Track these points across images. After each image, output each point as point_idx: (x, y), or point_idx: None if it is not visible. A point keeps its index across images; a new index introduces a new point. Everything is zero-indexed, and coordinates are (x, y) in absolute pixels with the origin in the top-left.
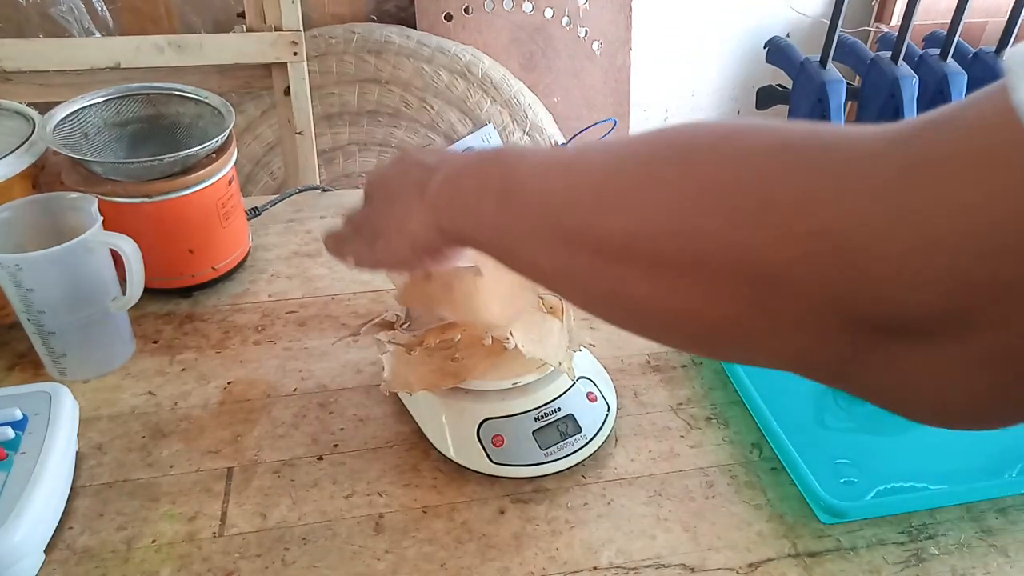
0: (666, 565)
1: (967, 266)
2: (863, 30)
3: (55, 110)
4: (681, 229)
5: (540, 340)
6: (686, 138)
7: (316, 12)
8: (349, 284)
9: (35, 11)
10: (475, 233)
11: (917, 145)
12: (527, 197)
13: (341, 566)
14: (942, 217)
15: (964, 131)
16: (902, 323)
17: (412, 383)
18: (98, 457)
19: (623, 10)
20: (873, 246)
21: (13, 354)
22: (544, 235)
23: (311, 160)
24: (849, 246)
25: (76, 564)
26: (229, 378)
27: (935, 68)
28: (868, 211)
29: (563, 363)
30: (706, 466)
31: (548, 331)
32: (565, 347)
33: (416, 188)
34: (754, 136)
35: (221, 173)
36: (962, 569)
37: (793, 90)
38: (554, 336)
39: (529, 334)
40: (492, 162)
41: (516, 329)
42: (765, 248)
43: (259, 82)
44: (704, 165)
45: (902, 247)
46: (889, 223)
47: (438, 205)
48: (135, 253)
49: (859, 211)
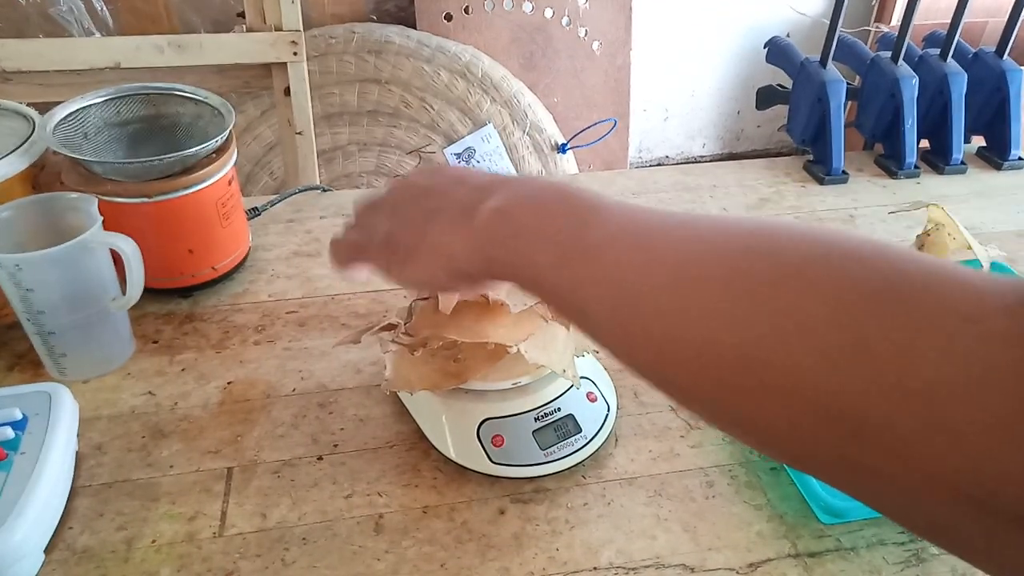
0: (666, 565)
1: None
2: (863, 30)
3: (55, 110)
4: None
5: (544, 347)
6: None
7: (316, 12)
8: (349, 284)
9: (35, 11)
10: (526, 277)
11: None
12: (594, 268)
13: (341, 566)
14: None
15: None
16: (1017, 505)
17: (413, 383)
18: (98, 457)
19: (623, 10)
20: (977, 415)
21: (13, 354)
22: (608, 313)
23: (311, 160)
24: (950, 411)
25: (76, 564)
26: (229, 378)
27: (935, 68)
28: (971, 378)
29: (567, 370)
30: (706, 466)
31: (553, 337)
32: (571, 354)
33: (463, 210)
34: (853, 264)
35: (221, 173)
36: (962, 569)
37: (793, 90)
38: (559, 343)
39: (534, 340)
40: (558, 202)
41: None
42: (853, 397)
43: (259, 82)
44: (794, 292)
45: (1011, 418)
46: (991, 394)
47: (490, 235)
48: (135, 253)
49: (961, 378)
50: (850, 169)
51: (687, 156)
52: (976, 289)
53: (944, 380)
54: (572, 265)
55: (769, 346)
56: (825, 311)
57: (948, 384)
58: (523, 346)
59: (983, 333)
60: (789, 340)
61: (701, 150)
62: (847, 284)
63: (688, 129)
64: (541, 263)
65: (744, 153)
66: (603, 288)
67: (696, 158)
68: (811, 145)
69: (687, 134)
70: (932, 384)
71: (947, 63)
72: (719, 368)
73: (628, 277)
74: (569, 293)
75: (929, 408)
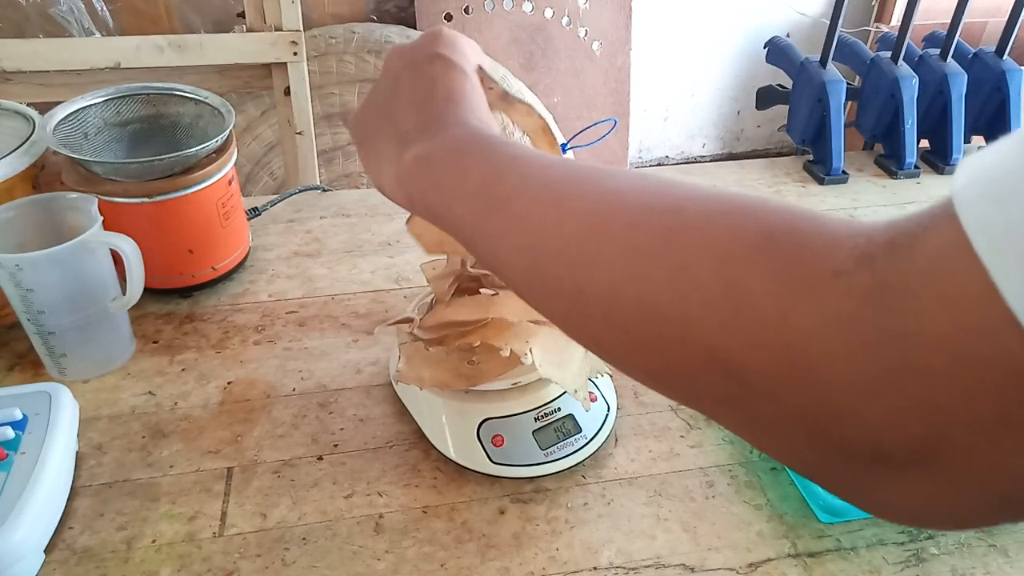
0: (666, 565)
1: (936, 393)
2: (863, 30)
3: (55, 110)
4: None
5: (560, 364)
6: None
7: (316, 12)
8: (349, 284)
9: (35, 11)
10: (447, 225)
11: (883, 272)
12: (508, 220)
13: (341, 566)
14: (911, 347)
15: (925, 262)
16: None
17: (424, 378)
18: (98, 457)
19: (623, 10)
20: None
21: (13, 354)
22: (524, 265)
23: (311, 160)
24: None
25: (76, 564)
26: (229, 378)
27: (935, 68)
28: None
29: (579, 391)
30: (706, 466)
31: (570, 357)
32: (585, 375)
33: (397, 145)
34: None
35: (221, 173)
36: (962, 569)
37: (793, 90)
38: (575, 363)
39: (549, 354)
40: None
41: (536, 346)
42: (740, 349)
43: (259, 82)
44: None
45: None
46: (853, 352)
47: (412, 181)
48: (135, 253)
49: (829, 335)
50: (850, 169)
51: (687, 156)
52: (839, 238)
53: (815, 336)
54: (488, 217)
55: (666, 299)
56: (715, 266)
57: (818, 340)
58: (538, 359)
59: (848, 289)
60: (683, 293)
61: (701, 150)
62: (738, 238)
63: (688, 129)
64: (458, 214)
65: (744, 153)
66: (517, 238)
67: (696, 158)
68: (811, 145)
69: (687, 134)
70: (805, 339)
71: (947, 63)
72: (624, 319)
73: (541, 229)
74: (485, 244)
75: (803, 361)
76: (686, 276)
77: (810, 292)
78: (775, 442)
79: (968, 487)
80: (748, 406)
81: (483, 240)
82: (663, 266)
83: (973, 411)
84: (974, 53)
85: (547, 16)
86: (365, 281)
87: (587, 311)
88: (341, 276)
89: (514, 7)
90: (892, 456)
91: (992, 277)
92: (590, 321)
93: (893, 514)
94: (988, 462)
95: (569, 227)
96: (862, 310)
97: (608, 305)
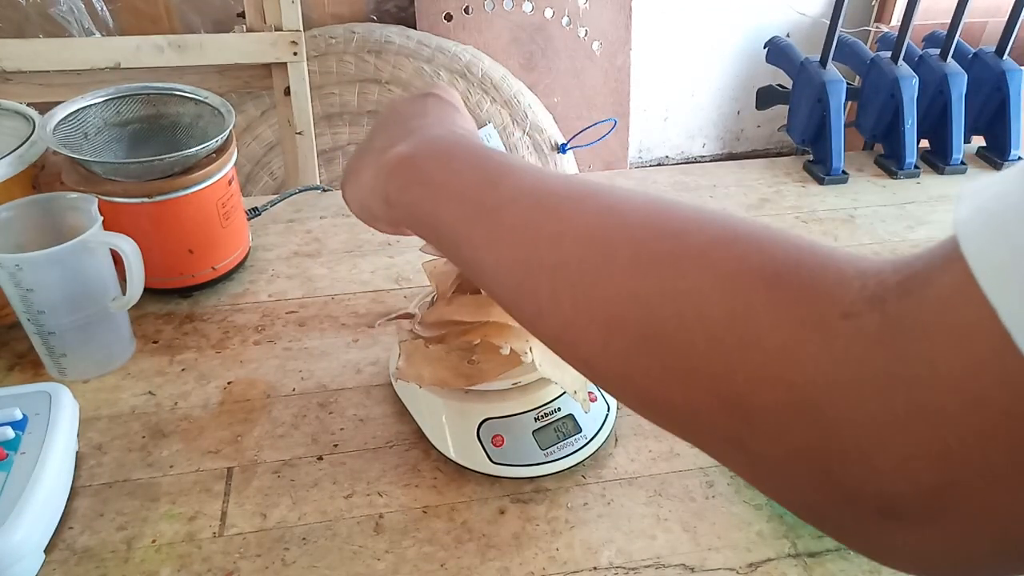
0: (666, 565)
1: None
2: (863, 30)
3: (55, 110)
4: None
5: (560, 364)
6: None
7: (316, 12)
8: (349, 284)
9: (35, 11)
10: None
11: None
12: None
13: (341, 566)
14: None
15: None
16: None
17: (424, 376)
18: (98, 457)
19: (623, 10)
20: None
21: (13, 354)
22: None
23: (311, 160)
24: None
25: (76, 564)
26: (229, 378)
27: (935, 68)
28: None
29: (578, 392)
30: (706, 466)
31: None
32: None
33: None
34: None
35: (221, 173)
36: None
37: (793, 90)
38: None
39: (548, 354)
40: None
41: (536, 345)
42: (745, 384)
43: (259, 82)
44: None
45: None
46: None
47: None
48: (135, 253)
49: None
50: (850, 169)
51: (687, 156)
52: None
53: (823, 377)
54: (476, 224)
55: (672, 327)
56: (721, 297)
57: (827, 382)
58: (538, 358)
59: (858, 332)
60: (687, 321)
61: (701, 150)
62: (745, 269)
63: (688, 129)
64: (444, 216)
65: (744, 153)
66: (508, 251)
67: (696, 158)
68: (811, 145)
69: (687, 134)
70: (813, 379)
71: (947, 63)
72: (625, 345)
73: (536, 243)
74: (471, 253)
75: (809, 401)
76: (691, 304)
77: (818, 332)
78: (779, 485)
79: (980, 537)
80: (751, 446)
81: (469, 248)
82: (667, 291)
83: (986, 456)
84: (974, 53)
85: (547, 16)
86: (365, 281)
87: (584, 333)
88: (341, 276)
89: (514, 7)
90: (900, 504)
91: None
92: (586, 344)
93: (900, 564)
94: (1001, 510)
95: (568, 242)
96: (872, 353)
97: (608, 327)
